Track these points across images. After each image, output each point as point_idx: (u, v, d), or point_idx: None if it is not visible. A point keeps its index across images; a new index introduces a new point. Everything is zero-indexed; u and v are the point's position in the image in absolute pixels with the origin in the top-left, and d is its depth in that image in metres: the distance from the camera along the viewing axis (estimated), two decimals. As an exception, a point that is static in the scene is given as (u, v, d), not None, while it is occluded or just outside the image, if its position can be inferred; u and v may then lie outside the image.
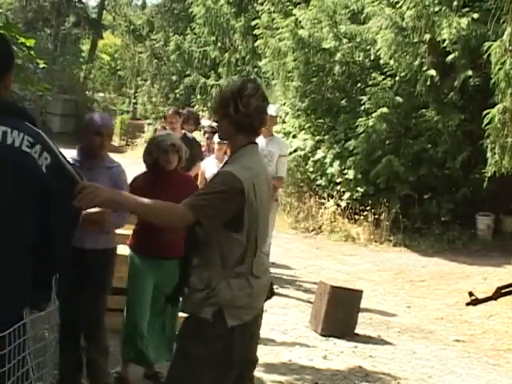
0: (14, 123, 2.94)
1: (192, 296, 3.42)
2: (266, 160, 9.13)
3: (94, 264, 4.91)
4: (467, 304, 4.39)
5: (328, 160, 14.77)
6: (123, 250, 5.75)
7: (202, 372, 3.38)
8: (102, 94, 41.30)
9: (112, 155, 5.37)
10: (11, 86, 3.20)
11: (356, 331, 7.76)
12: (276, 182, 9.32)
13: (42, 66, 7.49)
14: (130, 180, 5.33)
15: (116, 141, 34.73)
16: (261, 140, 9.16)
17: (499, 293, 4.27)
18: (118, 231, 5.40)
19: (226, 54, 22.87)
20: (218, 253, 3.41)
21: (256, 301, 3.55)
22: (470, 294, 4.29)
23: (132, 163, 24.15)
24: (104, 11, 42.70)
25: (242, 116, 3.45)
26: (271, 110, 9.47)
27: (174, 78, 27.52)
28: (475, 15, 12.69)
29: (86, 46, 44.27)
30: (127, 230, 6.86)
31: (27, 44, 6.04)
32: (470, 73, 12.83)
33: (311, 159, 15.21)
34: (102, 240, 5.02)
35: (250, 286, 3.46)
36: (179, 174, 5.64)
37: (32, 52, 6.21)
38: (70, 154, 4.75)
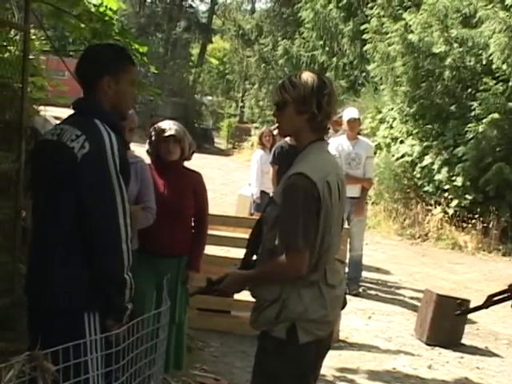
0: (77, 122, 3.07)
1: (263, 312, 3.22)
2: (354, 163, 9.37)
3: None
4: (456, 315, 4.20)
5: (436, 166, 14.53)
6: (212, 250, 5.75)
7: None
8: (210, 98, 42.08)
9: (218, 158, 5.38)
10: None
11: (462, 341, 7.61)
12: (366, 184, 9.62)
13: (153, 70, 7.69)
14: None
15: (223, 144, 35.31)
16: (347, 143, 9.44)
17: (490, 301, 4.00)
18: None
19: (334, 59, 22.87)
20: None
21: (331, 314, 3.30)
22: (460, 304, 4.12)
23: (239, 166, 24.51)
24: (214, 16, 43.50)
25: (324, 114, 3.29)
26: (354, 113, 9.61)
27: (282, 82, 27.73)
28: None
29: (195, 50, 45.21)
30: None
31: (140, 50, 6.24)
32: None
33: (418, 165, 15.00)
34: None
35: (322, 296, 3.22)
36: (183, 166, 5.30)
37: (145, 58, 6.40)
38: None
